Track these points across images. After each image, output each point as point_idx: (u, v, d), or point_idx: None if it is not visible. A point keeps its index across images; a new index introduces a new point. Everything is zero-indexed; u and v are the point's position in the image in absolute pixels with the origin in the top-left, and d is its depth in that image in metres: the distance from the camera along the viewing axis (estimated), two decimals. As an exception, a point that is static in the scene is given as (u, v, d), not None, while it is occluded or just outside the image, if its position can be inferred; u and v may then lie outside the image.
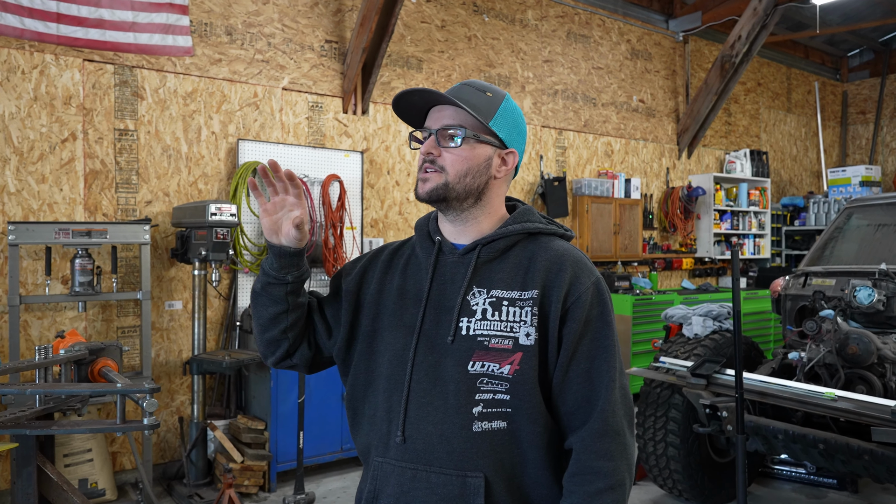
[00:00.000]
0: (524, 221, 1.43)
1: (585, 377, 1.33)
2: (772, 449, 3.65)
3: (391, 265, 1.49)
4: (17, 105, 4.22)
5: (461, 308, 1.35)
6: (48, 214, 4.32)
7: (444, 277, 1.40)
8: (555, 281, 1.35)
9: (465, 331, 1.34)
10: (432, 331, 1.36)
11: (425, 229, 1.49)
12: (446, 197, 1.38)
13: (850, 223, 4.84)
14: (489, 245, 1.39)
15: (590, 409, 1.33)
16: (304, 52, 5.37)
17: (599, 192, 7.18)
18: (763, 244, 8.84)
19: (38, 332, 4.28)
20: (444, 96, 1.37)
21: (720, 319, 4.36)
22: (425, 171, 1.39)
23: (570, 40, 7.20)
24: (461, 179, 1.38)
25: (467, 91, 1.39)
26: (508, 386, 1.30)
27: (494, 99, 1.41)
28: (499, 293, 1.35)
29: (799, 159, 10.14)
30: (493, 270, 1.38)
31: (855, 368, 3.59)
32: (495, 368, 1.31)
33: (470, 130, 1.37)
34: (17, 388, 1.86)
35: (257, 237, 5.07)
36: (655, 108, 8.05)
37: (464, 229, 1.43)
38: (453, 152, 1.38)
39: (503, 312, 1.34)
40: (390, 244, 1.55)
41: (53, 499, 2.02)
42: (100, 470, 4.20)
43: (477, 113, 1.36)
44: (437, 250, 1.42)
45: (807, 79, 10.19)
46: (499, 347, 1.31)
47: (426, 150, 1.38)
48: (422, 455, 1.31)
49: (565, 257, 1.38)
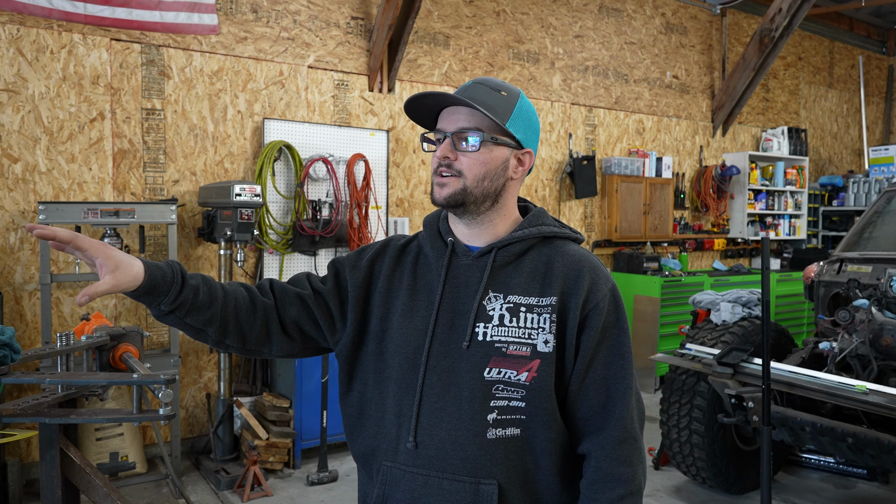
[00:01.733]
0: (539, 225, 1.40)
1: (602, 384, 1.33)
2: (798, 440, 3.58)
3: (400, 262, 1.45)
4: (47, 85, 4.27)
5: (477, 313, 1.32)
6: (78, 194, 4.38)
7: (457, 280, 1.37)
8: (574, 288, 1.33)
9: (482, 336, 1.31)
10: (445, 335, 1.33)
11: (435, 227, 1.45)
12: (464, 201, 1.34)
13: (889, 207, 4.66)
14: (505, 249, 1.37)
15: (606, 415, 1.33)
16: (329, 30, 5.32)
17: (630, 170, 7.04)
18: (799, 225, 8.60)
19: (70, 309, 4.39)
20: (460, 99, 1.32)
21: (749, 306, 4.26)
22: (441, 175, 1.35)
23: (601, 14, 7.01)
24: (479, 183, 1.34)
25: (482, 91, 1.34)
26: (525, 393, 1.29)
27: (510, 98, 1.37)
28: (516, 299, 1.33)
29: (840, 137, 9.80)
30: (510, 275, 1.36)
31: (889, 360, 3.48)
32: (512, 375, 1.29)
33: (487, 133, 1.33)
34: (37, 378, 1.90)
35: (282, 217, 5.09)
36: (690, 84, 7.83)
37: (479, 231, 1.40)
38: (470, 156, 1.33)
39: (521, 319, 1.31)
40: (396, 238, 1.50)
41: (77, 481, 2.07)
42: (130, 444, 4.32)
43: (493, 114, 1.32)
44: (450, 251, 1.39)
45: (851, 52, 9.79)
46: (517, 354, 1.30)
47: (442, 153, 1.34)
48: (434, 461, 1.29)
49: (583, 263, 1.36)
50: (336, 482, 4.33)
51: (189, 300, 1.30)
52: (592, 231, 7.07)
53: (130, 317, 4.62)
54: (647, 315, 6.71)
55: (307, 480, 4.30)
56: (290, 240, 5.07)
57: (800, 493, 4.28)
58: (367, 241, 5.29)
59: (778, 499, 4.18)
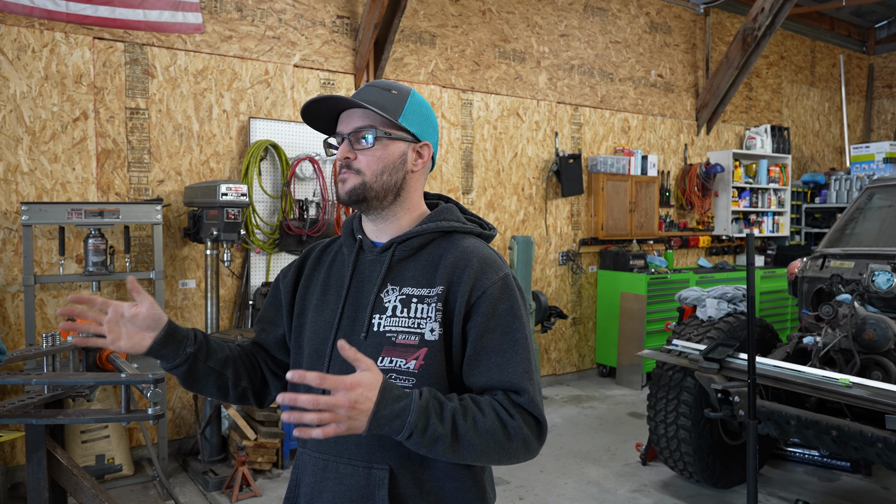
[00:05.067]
0: (439, 220, 1.45)
1: (498, 370, 1.33)
2: (784, 434, 3.62)
3: (319, 262, 1.54)
4: (29, 84, 4.22)
5: (374, 305, 1.39)
6: (61, 194, 4.34)
7: (362, 275, 1.44)
8: (460, 277, 1.37)
9: (377, 327, 1.37)
10: (349, 327, 1.40)
11: (350, 227, 1.52)
12: (366, 196, 1.40)
13: (871, 203, 4.73)
14: (404, 243, 1.42)
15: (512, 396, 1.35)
16: (315, 28, 5.31)
17: (615, 169, 7.08)
18: (782, 222, 8.69)
19: (54, 310, 4.34)
20: (350, 100, 1.39)
21: (734, 302, 4.31)
22: (342, 173, 1.41)
23: (587, 14, 7.05)
24: (378, 178, 1.40)
25: (373, 92, 1.41)
26: (415, 381, 1.32)
27: (400, 95, 1.43)
28: (409, 290, 1.39)
29: (821, 135, 9.92)
30: (407, 268, 1.41)
31: (871, 354, 3.53)
32: (402, 364, 1.34)
33: (380, 129, 1.39)
34: (23, 378, 1.88)
35: (269, 216, 5.07)
36: (674, 82, 7.89)
37: (384, 227, 1.46)
38: (367, 153, 1.40)
39: (412, 309, 1.37)
40: (321, 242, 1.60)
41: (64, 482, 2.05)
42: (116, 446, 4.28)
43: (384, 112, 1.38)
44: (357, 248, 1.46)
45: (832, 51, 9.91)
46: (405, 343, 1.35)
47: (342, 154, 1.40)
48: (333, 447, 1.36)
49: (472, 254, 1.40)
50: (325, 482, 4.32)
51: (205, 342, 1.44)
52: (579, 229, 7.10)
53: (116, 318, 4.57)
54: (633, 312, 6.76)
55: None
56: (276, 239, 5.05)
57: (785, 487, 4.33)
58: (354, 240, 5.28)
59: (763, 492, 4.23)
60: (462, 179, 6.20)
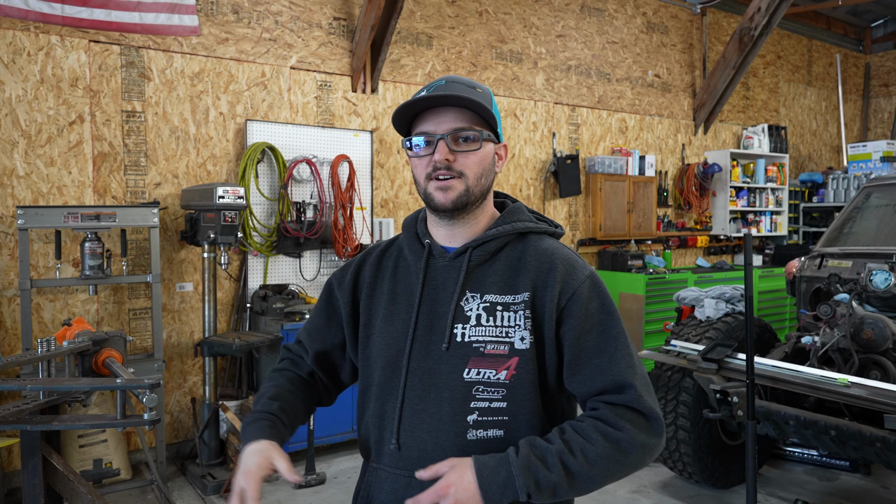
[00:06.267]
0: (514, 221, 1.39)
1: (599, 372, 1.28)
2: (783, 434, 3.61)
3: (380, 267, 1.46)
4: (24, 87, 4.21)
5: (455, 314, 1.32)
6: (57, 198, 4.33)
7: (435, 282, 1.37)
8: (546, 281, 1.32)
9: (461, 337, 1.31)
10: (425, 337, 1.34)
11: (413, 230, 1.45)
12: (468, 202, 1.33)
13: (868, 202, 4.73)
14: (480, 248, 1.36)
15: (610, 395, 1.28)
16: (311, 30, 5.30)
17: (613, 169, 7.07)
18: (780, 221, 8.70)
19: (51, 314, 4.33)
20: (461, 98, 1.29)
21: (733, 302, 4.30)
22: (438, 178, 1.31)
23: (583, 14, 7.04)
24: (478, 182, 1.33)
25: (462, 89, 1.32)
26: (505, 392, 1.28)
27: (485, 94, 1.36)
28: (492, 297, 1.32)
29: (819, 134, 9.93)
30: (485, 274, 1.35)
31: (869, 354, 3.53)
32: (492, 375, 1.28)
33: (484, 130, 1.33)
34: (18, 384, 1.87)
35: (266, 218, 5.06)
36: (671, 82, 7.89)
37: (460, 231, 1.38)
38: (469, 155, 1.31)
39: (497, 317, 1.31)
40: (377, 245, 1.52)
41: (60, 488, 2.04)
42: (114, 450, 4.27)
43: (484, 112, 1.31)
44: (427, 254, 1.39)
45: (828, 51, 9.92)
46: (495, 353, 1.29)
47: (442, 156, 1.30)
48: (416, 462, 1.29)
49: (554, 256, 1.35)
50: (324, 485, 4.31)
51: (281, 413, 1.40)
52: (577, 230, 7.10)
53: (113, 321, 4.56)
54: (632, 312, 6.75)
55: (294, 483, 4.27)
56: (274, 242, 5.04)
57: (784, 486, 4.33)
58: (351, 242, 5.27)
59: (763, 492, 4.22)
60: (459, 181, 6.19)
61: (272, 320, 4.67)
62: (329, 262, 5.43)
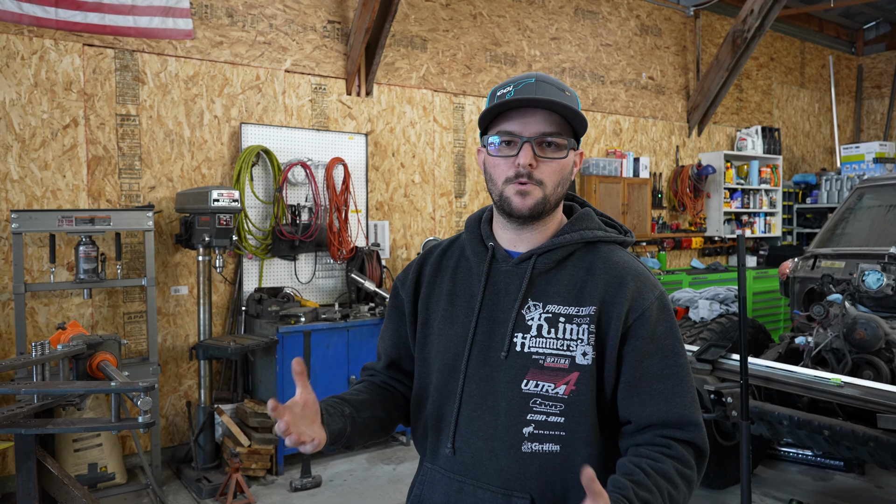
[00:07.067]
0: (582, 229, 1.34)
1: (661, 397, 1.24)
2: (777, 434, 3.63)
3: (440, 267, 1.43)
4: (18, 91, 4.20)
5: (515, 322, 1.28)
6: (52, 201, 4.32)
7: (497, 287, 1.33)
8: (615, 297, 1.26)
9: (520, 347, 1.27)
10: (485, 343, 1.30)
11: (477, 231, 1.40)
12: (544, 210, 1.28)
13: (861, 203, 4.76)
14: (545, 255, 1.31)
15: (674, 430, 1.26)
16: (306, 34, 5.31)
17: (608, 171, 7.10)
18: (774, 222, 8.73)
19: (45, 318, 4.32)
20: (555, 102, 1.23)
21: (727, 303, 4.32)
22: (520, 183, 1.26)
23: (577, 17, 7.07)
24: (555, 190, 1.28)
25: (554, 92, 1.26)
26: (563, 407, 1.25)
27: (573, 98, 1.30)
28: (555, 308, 1.28)
29: (812, 135, 9.98)
30: (550, 283, 1.30)
31: (862, 353, 3.55)
32: (550, 388, 1.25)
33: (571, 139, 1.28)
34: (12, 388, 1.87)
35: (261, 222, 5.06)
36: (665, 85, 7.92)
37: (527, 236, 1.33)
38: (552, 163, 1.26)
39: (559, 329, 1.26)
40: (440, 244, 1.48)
41: (55, 492, 2.04)
42: (109, 454, 4.26)
43: (576, 121, 1.26)
44: (490, 257, 1.34)
45: (821, 53, 9.97)
46: (555, 366, 1.25)
47: (527, 160, 1.24)
48: (470, 469, 1.29)
49: (626, 271, 1.29)
50: (320, 487, 4.31)
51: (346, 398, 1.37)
52: (572, 232, 7.11)
53: (108, 325, 4.56)
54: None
55: (290, 487, 4.27)
56: (269, 245, 5.04)
57: (779, 487, 4.34)
58: (346, 244, 5.27)
59: (758, 492, 4.24)
60: (455, 183, 6.21)
61: (267, 323, 4.67)
62: (324, 264, 5.43)
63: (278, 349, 4.49)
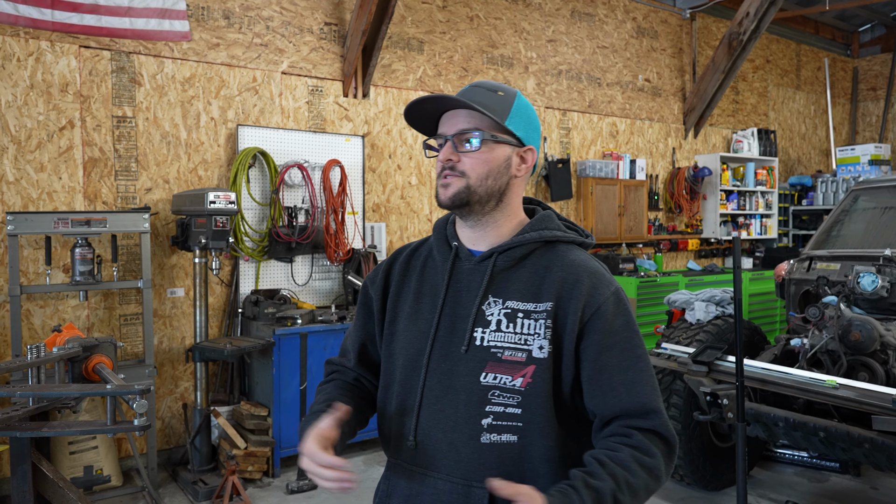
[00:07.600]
0: (542, 229, 1.40)
1: (625, 390, 1.28)
2: (772, 436, 3.64)
3: (409, 267, 1.49)
4: (14, 93, 4.20)
5: (476, 318, 1.34)
6: (48, 203, 4.31)
7: (459, 284, 1.39)
8: (571, 293, 1.32)
9: (480, 341, 1.33)
10: (447, 338, 1.36)
11: (443, 232, 1.47)
12: (469, 201, 1.35)
13: (856, 205, 4.77)
14: (505, 253, 1.37)
15: (636, 419, 1.29)
16: (303, 35, 5.31)
17: (604, 173, 7.11)
18: (770, 224, 8.76)
19: (41, 320, 4.31)
20: (458, 100, 1.34)
21: (723, 305, 4.33)
22: (445, 177, 1.36)
23: (574, 19, 7.08)
24: (483, 182, 1.35)
25: (479, 92, 1.36)
26: (521, 399, 1.29)
27: (507, 98, 1.38)
28: (514, 304, 1.33)
29: (808, 138, 10.01)
30: (510, 280, 1.36)
31: (857, 355, 3.56)
32: (508, 381, 1.29)
33: (487, 132, 1.34)
34: (7, 391, 1.86)
35: (258, 224, 5.06)
36: (661, 87, 7.94)
37: (483, 234, 1.40)
38: (472, 156, 1.35)
39: (518, 324, 1.32)
40: (409, 245, 1.54)
41: (50, 495, 2.03)
42: (105, 456, 4.25)
43: (492, 113, 1.33)
44: (453, 256, 1.41)
45: (816, 55, 10.01)
46: (512, 360, 1.30)
47: (445, 156, 1.35)
48: (431, 461, 1.33)
49: (582, 269, 1.35)
50: (316, 490, 4.30)
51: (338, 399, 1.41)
52: (568, 233, 7.11)
53: (104, 327, 4.55)
54: (623, 316, 6.76)
55: (287, 489, 4.26)
56: (265, 247, 5.04)
57: (775, 488, 4.35)
58: (343, 246, 5.27)
59: (754, 494, 4.24)
60: (451, 185, 6.20)
61: (264, 325, 4.67)
62: (321, 266, 5.43)
63: (275, 351, 4.48)
